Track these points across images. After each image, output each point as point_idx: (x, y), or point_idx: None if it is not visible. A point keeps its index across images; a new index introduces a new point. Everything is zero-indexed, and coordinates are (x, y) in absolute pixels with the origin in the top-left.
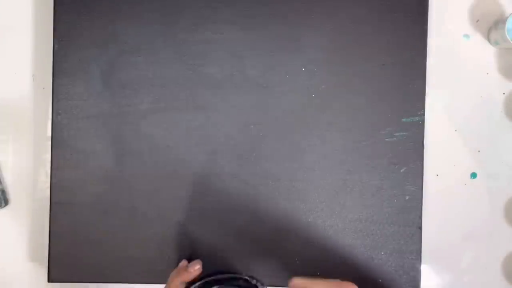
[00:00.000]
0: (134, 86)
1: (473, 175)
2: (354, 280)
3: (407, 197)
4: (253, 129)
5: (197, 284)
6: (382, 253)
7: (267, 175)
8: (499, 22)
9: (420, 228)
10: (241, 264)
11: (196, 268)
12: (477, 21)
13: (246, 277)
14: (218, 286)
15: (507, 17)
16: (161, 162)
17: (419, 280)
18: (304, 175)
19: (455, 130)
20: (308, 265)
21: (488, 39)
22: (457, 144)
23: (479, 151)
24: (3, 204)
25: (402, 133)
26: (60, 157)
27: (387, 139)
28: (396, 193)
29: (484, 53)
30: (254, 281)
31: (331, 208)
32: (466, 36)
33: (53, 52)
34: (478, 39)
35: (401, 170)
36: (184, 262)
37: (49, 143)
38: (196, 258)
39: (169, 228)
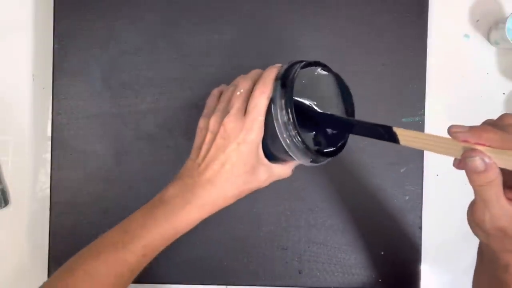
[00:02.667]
0: (134, 86)
1: None
2: (353, 280)
3: (407, 197)
4: None
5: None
6: (382, 253)
7: None
8: (499, 22)
9: (420, 228)
10: (241, 263)
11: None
12: (477, 21)
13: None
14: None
15: (507, 17)
16: (161, 162)
17: (419, 280)
18: (304, 175)
19: None
20: (308, 264)
21: (488, 39)
22: None
23: None
24: (3, 204)
25: None
26: (60, 157)
27: None
28: (396, 193)
29: (484, 53)
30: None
31: (331, 208)
32: (466, 36)
33: (53, 52)
34: (478, 39)
35: (401, 170)
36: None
37: (49, 143)
38: (197, 259)
39: None
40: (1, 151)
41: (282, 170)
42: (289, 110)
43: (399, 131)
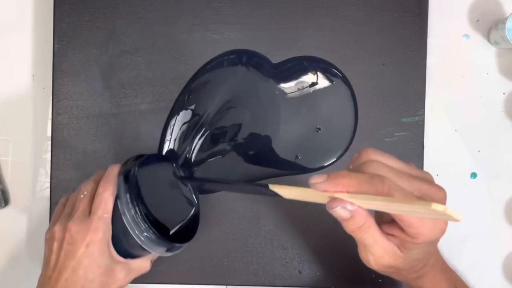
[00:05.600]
0: (134, 86)
1: (473, 175)
2: (353, 280)
3: None
4: None
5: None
6: None
7: (267, 174)
8: (499, 22)
9: None
10: (241, 263)
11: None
12: (477, 21)
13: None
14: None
15: (507, 17)
16: None
17: None
18: (304, 175)
19: (455, 130)
20: (308, 264)
21: (488, 39)
22: (457, 144)
23: (479, 151)
24: (3, 204)
25: (402, 133)
26: (60, 157)
27: (387, 139)
28: None
29: (484, 53)
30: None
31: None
32: (466, 36)
33: (53, 52)
34: (478, 39)
35: None
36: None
37: (49, 143)
38: (197, 259)
39: None
40: (1, 151)
41: (141, 265)
42: (135, 203)
43: (275, 188)
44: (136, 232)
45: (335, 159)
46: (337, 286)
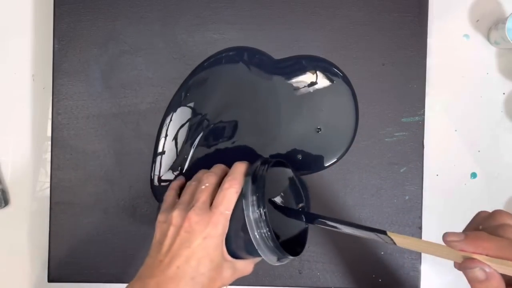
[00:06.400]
0: (134, 86)
1: (473, 175)
2: (353, 280)
3: (407, 197)
4: None
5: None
6: (382, 253)
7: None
8: (499, 22)
9: (420, 228)
10: None
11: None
12: (477, 21)
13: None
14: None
15: (507, 17)
16: None
17: (419, 280)
18: (307, 176)
19: (455, 130)
20: (308, 264)
21: (488, 39)
22: (457, 144)
23: (479, 151)
24: (3, 204)
25: (402, 133)
26: (60, 157)
27: (387, 139)
28: (396, 193)
29: (484, 53)
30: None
31: (331, 208)
32: (466, 36)
33: (53, 52)
34: (478, 39)
35: (401, 170)
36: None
37: (49, 143)
38: None
39: None
40: (1, 151)
41: (245, 267)
42: (261, 207)
43: (394, 236)
44: (256, 234)
45: (335, 159)
46: (337, 286)
